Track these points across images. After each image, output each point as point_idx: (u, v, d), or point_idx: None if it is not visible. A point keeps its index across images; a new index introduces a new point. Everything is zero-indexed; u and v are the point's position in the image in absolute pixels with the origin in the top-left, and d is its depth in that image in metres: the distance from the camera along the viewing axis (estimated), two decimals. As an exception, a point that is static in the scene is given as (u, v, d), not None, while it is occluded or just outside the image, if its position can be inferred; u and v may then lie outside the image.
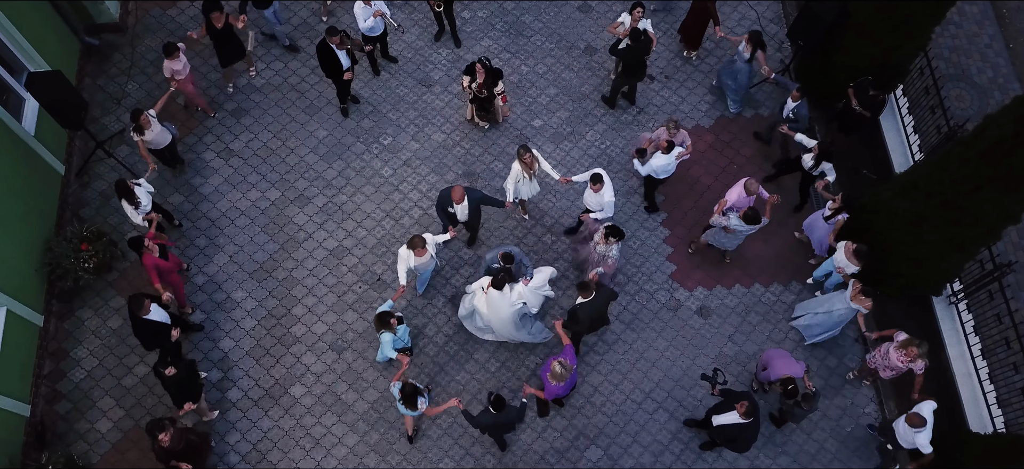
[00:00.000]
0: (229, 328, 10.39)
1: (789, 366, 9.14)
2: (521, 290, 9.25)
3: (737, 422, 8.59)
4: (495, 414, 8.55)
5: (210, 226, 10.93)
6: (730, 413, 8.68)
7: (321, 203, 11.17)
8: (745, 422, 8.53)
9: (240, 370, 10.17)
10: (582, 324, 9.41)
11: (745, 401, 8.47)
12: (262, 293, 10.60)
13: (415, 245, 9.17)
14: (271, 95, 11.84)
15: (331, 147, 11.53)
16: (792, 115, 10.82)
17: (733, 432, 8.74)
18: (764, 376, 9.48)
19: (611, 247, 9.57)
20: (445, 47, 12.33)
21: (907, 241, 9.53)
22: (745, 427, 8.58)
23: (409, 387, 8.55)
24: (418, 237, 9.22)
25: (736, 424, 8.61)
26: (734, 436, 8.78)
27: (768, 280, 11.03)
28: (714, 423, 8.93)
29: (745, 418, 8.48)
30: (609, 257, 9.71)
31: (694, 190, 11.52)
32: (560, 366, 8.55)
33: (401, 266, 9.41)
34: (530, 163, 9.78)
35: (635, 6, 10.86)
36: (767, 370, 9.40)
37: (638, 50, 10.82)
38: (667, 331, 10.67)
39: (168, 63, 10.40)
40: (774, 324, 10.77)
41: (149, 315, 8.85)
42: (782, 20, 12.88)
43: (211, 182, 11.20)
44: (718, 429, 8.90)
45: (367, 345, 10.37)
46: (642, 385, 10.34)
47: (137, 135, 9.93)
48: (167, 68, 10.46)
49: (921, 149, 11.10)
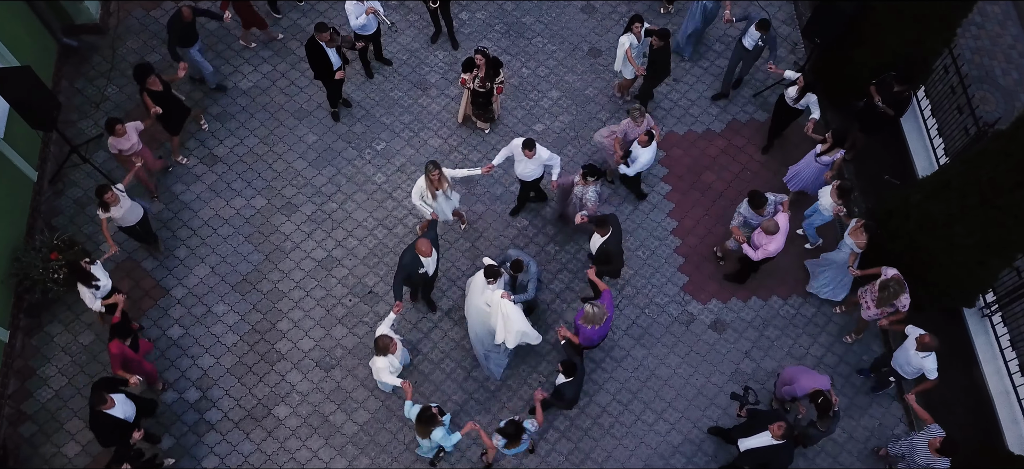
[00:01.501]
0: (209, 344, 9.66)
1: (815, 380, 8.40)
2: (498, 301, 8.52)
3: (770, 444, 7.84)
4: (574, 378, 8.16)
5: (191, 236, 10.25)
6: (761, 435, 7.93)
7: (309, 211, 10.50)
8: (779, 444, 7.79)
9: (220, 389, 9.43)
10: (615, 259, 9.05)
11: (782, 422, 7.73)
12: (245, 307, 9.89)
13: (382, 350, 8.08)
14: (258, 99, 11.22)
15: (321, 152, 10.89)
16: (760, 43, 10.54)
17: (766, 456, 7.96)
18: (788, 391, 8.71)
19: (589, 187, 9.20)
20: (442, 49, 11.74)
21: (940, 247, 8.84)
22: (779, 450, 7.83)
23: (426, 413, 7.80)
24: (384, 338, 8.11)
25: (769, 447, 7.86)
26: (767, 460, 7.99)
27: (786, 292, 10.32)
28: (742, 448, 8.15)
29: (780, 439, 7.75)
30: (588, 199, 9.26)
31: (706, 197, 10.86)
32: (593, 307, 8.18)
33: (382, 376, 8.33)
34: (437, 181, 8.95)
35: (634, 21, 10.28)
36: (792, 385, 8.64)
37: (667, 50, 10.32)
38: (679, 347, 9.93)
39: (114, 141, 9.26)
40: (794, 338, 10.04)
41: (112, 410, 7.85)
42: (795, 21, 12.30)
43: (193, 189, 10.54)
44: (747, 454, 8.12)
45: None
46: (653, 405, 9.58)
47: (102, 213, 8.84)
48: (113, 146, 9.31)
49: (946, 153, 10.44)
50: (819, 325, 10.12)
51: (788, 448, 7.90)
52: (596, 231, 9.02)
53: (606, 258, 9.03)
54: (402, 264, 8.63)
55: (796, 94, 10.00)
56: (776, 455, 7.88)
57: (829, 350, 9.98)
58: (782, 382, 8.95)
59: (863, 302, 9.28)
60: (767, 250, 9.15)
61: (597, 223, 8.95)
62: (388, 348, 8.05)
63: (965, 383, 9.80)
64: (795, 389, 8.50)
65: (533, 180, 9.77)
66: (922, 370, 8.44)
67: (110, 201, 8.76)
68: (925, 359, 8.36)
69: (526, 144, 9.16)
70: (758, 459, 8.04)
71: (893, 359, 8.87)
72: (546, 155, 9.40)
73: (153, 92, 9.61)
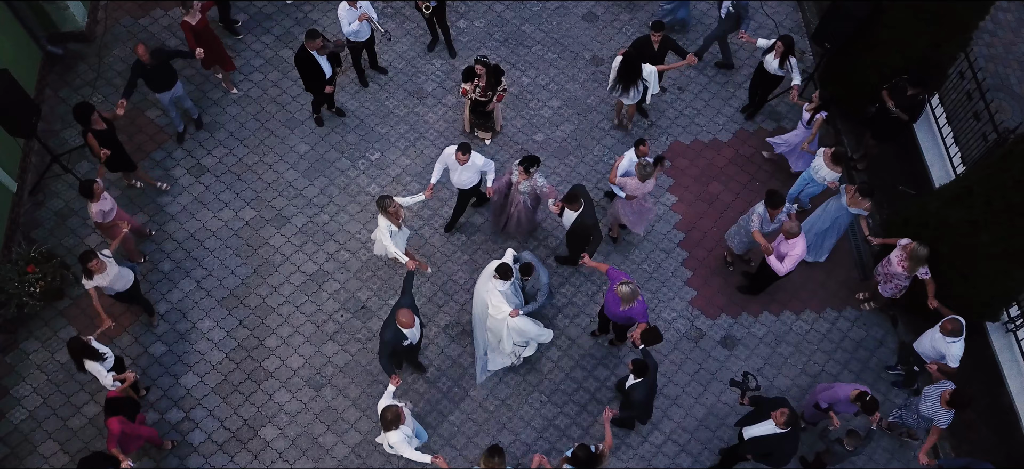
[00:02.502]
0: (193, 361, 9.18)
1: (856, 385, 7.91)
2: (500, 302, 8.14)
3: (774, 432, 7.43)
4: (646, 378, 7.73)
5: (176, 249, 9.81)
6: (764, 423, 7.51)
7: (300, 223, 10.07)
8: (783, 432, 7.38)
9: (204, 409, 8.93)
10: (593, 231, 8.72)
11: (784, 408, 7.34)
12: (232, 323, 9.42)
13: (392, 423, 7.32)
14: (249, 108, 10.83)
15: (313, 163, 10.48)
16: (731, 9, 10.50)
17: (769, 445, 7.55)
18: (826, 397, 8.11)
19: (533, 178, 8.84)
20: (439, 57, 11.38)
21: (962, 256, 8.39)
22: (783, 438, 7.41)
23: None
24: (392, 409, 7.33)
25: (773, 435, 7.45)
26: (770, 450, 7.57)
27: (799, 307, 9.85)
28: (746, 436, 7.73)
29: (784, 427, 7.35)
30: (540, 188, 8.97)
31: (714, 208, 10.43)
32: (626, 287, 7.86)
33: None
34: (397, 212, 8.46)
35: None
36: (830, 391, 8.11)
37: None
38: (688, 364, 9.44)
39: (96, 207, 8.55)
40: (808, 355, 9.56)
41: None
42: (803, 29, 11.95)
43: (179, 201, 10.12)
44: (751, 443, 7.69)
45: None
46: (661, 426, 9.07)
47: (87, 282, 8.08)
48: (95, 213, 8.59)
49: (964, 161, 10.02)
50: (834, 341, 9.64)
51: (792, 437, 7.48)
52: (568, 208, 8.68)
53: (585, 233, 8.71)
54: (384, 341, 7.84)
55: (777, 60, 9.88)
56: (780, 444, 7.46)
57: (845, 367, 9.50)
58: (809, 401, 8.44)
59: (879, 278, 9.07)
60: (794, 256, 8.61)
61: (568, 200, 8.62)
62: (399, 418, 7.28)
63: (988, 402, 9.29)
64: (837, 393, 7.97)
65: (470, 188, 9.32)
66: (945, 356, 8.11)
67: (95, 269, 8.00)
68: (952, 345, 7.99)
69: (461, 148, 8.67)
70: (761, 448, 7.62)
71: (917, 342, 8.53)
72: (481, 161, 8.97)
73: (97, 131, 8.93)
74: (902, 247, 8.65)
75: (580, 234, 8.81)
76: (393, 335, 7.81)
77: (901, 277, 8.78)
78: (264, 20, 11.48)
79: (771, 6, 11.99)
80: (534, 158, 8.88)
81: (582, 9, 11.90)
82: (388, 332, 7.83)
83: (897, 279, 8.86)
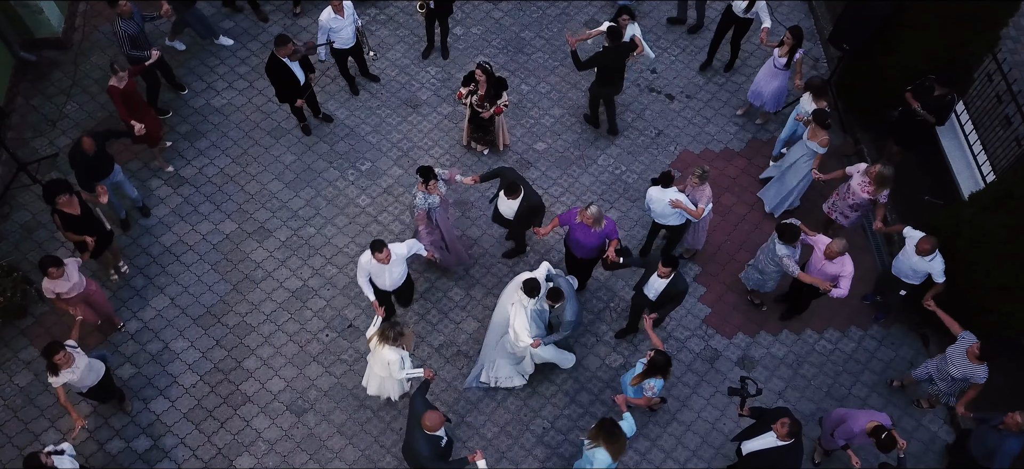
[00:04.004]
0: (164, 385, 8.43)
1: (874, 416, 7.16)
2: (523, 328, 7.46)
3: (775, 446, 6.76)
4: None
5: (150, 264, 9.12)
6: (765, 436, 6.83)
7: (284, 236, 9.39)
8: (785, 445, 6.72)
9: (174, 437, 8.16)
10: (542, 206, 8.41)
11: (786, 418, 6.69)
12: (208, 342, 8.69)
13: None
14: (232, 116, 10.22)
15: (299, 173, 9.83)
16: None
17: (770, 459, 6.86)
18: (843, 431, 7.40)
19: (434, 193, 8.08)
20: (434, 65, 10.80)
21: (1001, 266, 7.71)
22: (785, 451, 6.74)
23: None
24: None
25: (774, 449, 6.78)
26: (772, 464, 6.88)
27: (821, 325, 9.13)
28: (745, 451, 7.03)
29: (786, 439, 6.69)
30: (449, 180, 8.36)
31: (727, 220, 9.76)
32: (592, 207, 7.66)
33: None
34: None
35: (620, 13, 9.38)
36: (846, 423, 7.36)
37: (615, 53, 9.23)
38: (703, 387, 8.69)
39: (49, 284, 7.57)
40: (833, 378, 8.81)
41: None
42: (816, 35, 11.40)
43: (155, 213, 9.45)
44: (750, 459, 6.99)
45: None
46: (675, 454, 8.30)
47: (54, 379, 7.12)
48: (48, 289, 7.62)
49: (994, 169, 9.38)
50: (861, 362, 8.91)
51: (796, 450, 6.80)
52: (510, 198, 8.11)
53: (533, 214, 8.35)
54: (421, 455, 6.74)
55: (744, 3, 9.75)
56: (782, 458, 6.77)
57: (873, 390, 8.75)
58: (832, 423, 7.68)
59: (834, 213, 8.89)
60: (848, 275, 7.84)
61: (508, 190, 8.07)
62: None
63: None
64: (852, 426, 7.22)
65: (405, 282, 8.16)
66: (929, 274, 7.93)
67: (61, 363, 7.06)
68: (932, 262, 7.84)
69: (374, 247, 7.41)
70: (761, 463, 6.92)
71: (893, 266, 8.31)
72: (404, 248, 7.86)
73: (67, 216, 7.80)
74: (864, 171, 8.46)
75: (528, 218, 8.32)
76: (427, 445, 6.75)
77: (866, 204, 8.57)
78: (251, 26, 10.92)
79: (782, 12, 11.45)
80: (427, 169, 7.95)
81: (584, 15, 11.36)
82: (420, 444, 6.74)
83: (863, 207, 8.64)
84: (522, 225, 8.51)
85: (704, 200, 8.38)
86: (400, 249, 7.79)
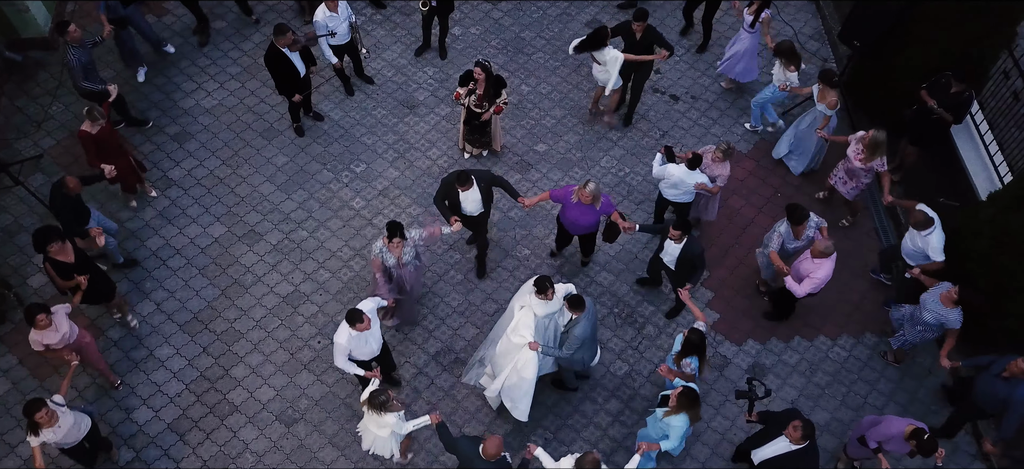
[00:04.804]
0: (148, 394, 8.04)
1: (910, 421, 6.77)
2: (527, 324, 7.04)
3: (790, 450, 6.42)
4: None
5: (135, 268, 8.75)
6: (776, 442, 6.50)
7: (275, 240, 9.04)
8: (800, 448, 6.37)
9: (158, 448, 7.77)
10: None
11: (797, 421, 6.36)
12: (194, 350, 8.32)
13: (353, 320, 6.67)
14: (223, 117, 9.90)
15: (292, 175, 9.50)
16: None
17: (787, 465, 6.49)
18: (875, 433, 6.96)
19: (411, 240, 7.49)
20: (431, 65, 10.49)
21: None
22: (801, 455, 6.39)
23: None
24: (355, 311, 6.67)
25: (790, 454, 6.43)
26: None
27: (835, 332, 8.76)
28: (756, 461, 6.68)
29: (800, 443, 6.35)
30: (418, 243, 7.62)
31: (734, 224, 9.41)
32: (590, 184, 7.51)
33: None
34: (400, 406, 6.92)
35: (636, 18, 9.04)
36: (878, 427, 6.96)
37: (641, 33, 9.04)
38: (713, 395, 8.31)
39: (36, 336, 6.91)
40: (848, 386, 8.43)
41: None
42: (824, 36, 11.10)
43: (141, 216, 9.10)
44: (762, 467, 6.62)
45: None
46: (684, 466, 7.89)
47: (33, 439, 6.43)
48: (36, 342, 6.96)
49: (1011, 169, 9.04)
50: (877, 370, 8.53)
51: (812, 452, 6.45)
52: (465, 190, 7.69)
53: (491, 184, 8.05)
54: None
55: None
56: (798, 463, 6.42)
57: (891, 399, 8.37)
58: (863, 427, 7.27)
59: (834, 179, 8.86)
60: (815, 279, 7.64)
61: (460, 181, 7.63)
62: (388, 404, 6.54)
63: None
64: (888, 429, 6.81)
65: (382, 347, 7.42)
66: (925, 250, 7.75)
67: (43, 422, 6.36)
68: (929, 236, 7.65)
69: (349, 319, 6.78)
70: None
71: (902, 247, 8.10)
72: (371, 305, 7.12)
73: (61, 265, 7.15)
74: (858, 139, 8.40)
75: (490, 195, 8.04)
76: None
77: (862, 173, 8.47)
78: (243, 26, 10.63)
79: (789, 12, 11.17)
80: (394, 225, 7.28)
81: (586, 15, 11.07)
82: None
83: (858, 176, 8.55)
84: (480, 224, 8.21)
85: (722, 178, 8.30)
86: (367, 306, 7.02)
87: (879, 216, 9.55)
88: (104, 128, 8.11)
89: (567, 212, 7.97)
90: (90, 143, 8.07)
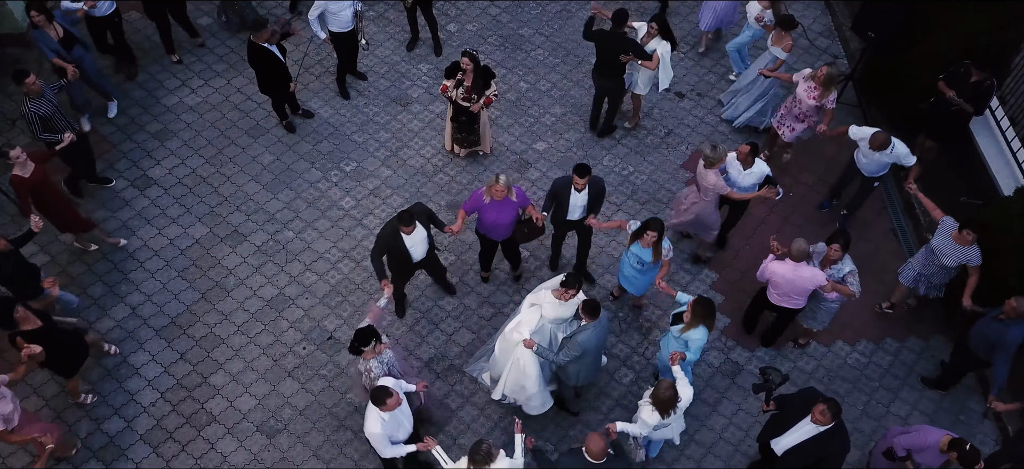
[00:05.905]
0: (120, 403, 7.51)
1: (945, 432, 6.26)
2: (532, 319, 6.57)
3: (817, 433, 5.95)
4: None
5: (111, 270, 8.26)
6: (800, 427, 6.03)
7: (260, 241, 8.55)
8: (828, 428, 5.92)
9: (129, 461, 7.22)
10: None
11: (820, 402, 5.90)
12: (171, 356, 7.80)
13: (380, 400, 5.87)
14: (207, 115, 9.46)
15: (278, 174, 9.03)
16: None
17: (815, 450, 6.02)
18: (903, 442, 6.44)
19: (369, 360, 6.32)
20: (425, 61, 10.07)
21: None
22: (831, 437, 5.93)
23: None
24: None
25: (817, 436, 5.97)
26: (818, 454, 6.04)
27: (853, 337, 8.25)
28: (779, 451, 6.19)
29: (830, 423, 5.90)
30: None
31: (745, 225, 8.91)
32: (500, 177, 7.07)
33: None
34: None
35: (652, 20, 8.62)
36: (909, 435, 6.43)
37: (610, 39, 8.42)
38: (725, 404, 7.78)
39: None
40: (868, 394, 7.91)
41: None
42: (834, 33, 10.71)
43: (119, 216, 8.63)
44: (789, 456, 6.13)
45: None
46: (685, 467, 7.37)
47: None
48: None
49: (1034, 167, 8.60)
50: (899, 377, 8.01)
51: (841, 432, 6.00)
52: (406, 232, 7.02)
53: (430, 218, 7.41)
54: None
55: None
56: (827, 445, 5.96)
57: (915, 408, 7.84)
58: (889, 437, 6.73)
59: (782, 127, 8.61)
60: (772, 269, 7.09)
61: (402, 220, 6.91)
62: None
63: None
64: (920, 439, 6.28)
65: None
66: (896, 161, 7.84)
67: None
68: (896, 148, 7.70)
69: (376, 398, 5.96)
70: (805, 457, 6.06)
71: (855, 161, 8.12)
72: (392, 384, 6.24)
73: (30, 333, 6.45)
74: (807, 76, 8.23)
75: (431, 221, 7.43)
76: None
77: (813, 111, 8.27)
78: (230, 23, 10.23)
79: (798, 9, 10.77)
80: (365, 333, 6.18)
81: (586, 11, 10.65)
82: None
83: (810, 116, 8.37)
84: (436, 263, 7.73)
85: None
86: (389, 382, 6.12)
87: (897, 216, 9.10)
88: (36, 170, 7.34)
89: (484, 218, 7.35)
90: (25, 191, 7.29)
